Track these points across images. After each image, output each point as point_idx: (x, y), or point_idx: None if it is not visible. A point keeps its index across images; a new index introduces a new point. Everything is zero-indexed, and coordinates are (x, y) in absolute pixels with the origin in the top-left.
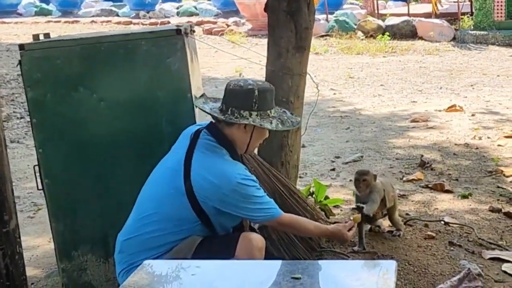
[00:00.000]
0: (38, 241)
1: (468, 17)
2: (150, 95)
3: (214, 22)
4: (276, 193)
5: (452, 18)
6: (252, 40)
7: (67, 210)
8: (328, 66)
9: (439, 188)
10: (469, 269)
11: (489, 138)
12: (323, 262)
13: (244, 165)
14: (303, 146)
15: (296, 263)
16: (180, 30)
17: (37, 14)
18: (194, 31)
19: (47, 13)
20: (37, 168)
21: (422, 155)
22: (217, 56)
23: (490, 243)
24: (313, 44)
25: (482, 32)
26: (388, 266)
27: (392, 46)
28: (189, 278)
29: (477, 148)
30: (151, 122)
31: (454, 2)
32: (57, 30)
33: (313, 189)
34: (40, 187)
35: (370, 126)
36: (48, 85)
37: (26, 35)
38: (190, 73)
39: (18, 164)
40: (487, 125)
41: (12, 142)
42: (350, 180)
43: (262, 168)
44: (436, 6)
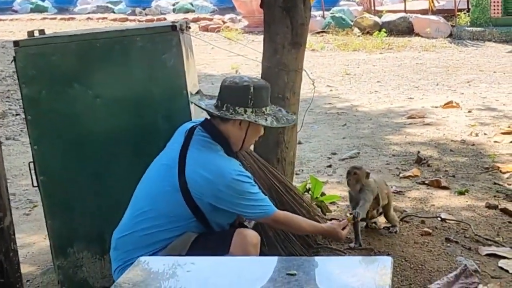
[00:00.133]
0: (34, 238)
1: (464, 13)
2: (146, 92)
3: (210, 19)
4: (272, 189)
5: (448, 14)
6: (248, 36)
7: (63, 207)
8: (324, 63)
9: (436, 184)
10: (465, 265)
11: (485, 134)
12: (319, 258)
13: (239, 161)
14: (300, 142)
15: (291, 260)
16: (175, 26)
17: (32, 11)
18: (189, 28)
19: (43, 10)
20: (32, 165)
21: (418, 152)
22: (213, 53)
23: (487, 240)
24: (309, 40)
25: (479, 28)
26: (384, 262)
27: (388, 42)
28: (184, 275)
29: (473, 144)
30: (147, 118)
31: None
32: (52, 27)
33: (309, 185)
34: (35, 184)
35: (367, 122)
36: (43, 81)
37: (21, 32)
38: (186, 69)
39: (13, 161)
40: (484, 121)
41: (7, 139)
42: None
43: (258, 164)
44: (432, 2)
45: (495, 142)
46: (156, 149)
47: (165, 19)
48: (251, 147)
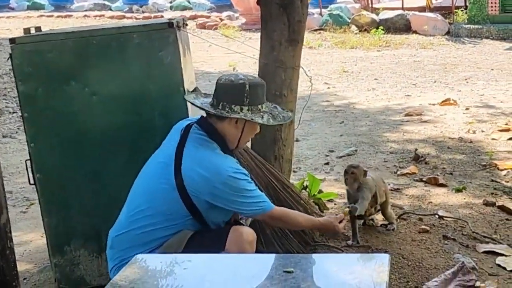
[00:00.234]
0: (31, 236)
1: (462, 11)
2: (143, 89)
3: (208, 16)
4: (269, 187)
5: (446, 12)
6: (246, 34)
7: (59, 205)
8: (322, 60)
9: (433, 182)
10: (463, 262)
11: (483, 132)
12: (316, 255)
13: (235, 159)
14: (297, 140)
15: (288, 257)
16: (172, 23)
17: (29, 8)
18: (186, 25)
19: (40, 7)
20: (28, 162)
21: (416, 149)
22: (210, 50)
23: (484, 237)
24: (307, 38)
25: (476, 26)
26: (381, 260)
27: (386, 40)
28: (180, 272)
29: (471, 142)
30: (144, 116)
31: None
32: (49, 24)
33: (306, 183)
34: (32, 182)
35: (364, 120)
36: (39, 79)
37: (18, 30)
38: (183, 66)
39: (10, 159)
40: (481, 118)
41: (4, 137)
42: None
43: (256, 162)
44: (430, 0)
45: (493, 139)
46: (153, 146)
47: (162, 17)
48: (248, 144)
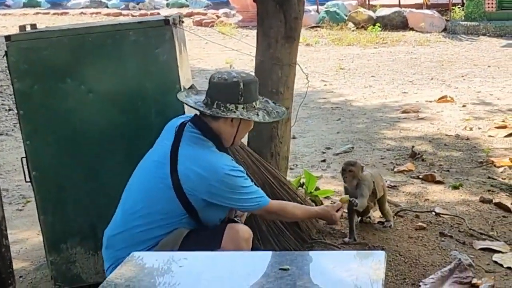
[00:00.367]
0: (27, 234)
1: (459, 7)
2: (139, 86)
3: (204, 14)
4: (266, 184)
5: (443, 9)
6: (242, 31)
7: (56, 203)
8: (318, 58)
9: (430, 179)
10: (460, 259)
11: (480, 129)
12: (312, 253)
13: (231, 156)
14: (294, 137)
15: (284, 254)
16: (168, 20)
17: (25, 6)
18: (183, 22)
19: (36, 5)
20: (24, 160)
21: (413, 146)
22: (207, 47)
23: (481, 234)
24: (303, 35)
25: (473, 23)
26: (378, 257)
27: (383, 37)
28: (177, 270)
29: (468, 139)
30: (140, 113)
31: None
32: (46, 21)
33: (303, 180)
34: (27, 180)
35: (361, 117)
36: (35, 76)
37: (14, 27)
38: (179, 64)
39: (6, 156)
40: (478, 116)
41: (0, 134)
42: None
43: (252, 159)
44: None
45: (490, 136)
46: (149, 143)
47: (158, 14)
48: (245, 141)
